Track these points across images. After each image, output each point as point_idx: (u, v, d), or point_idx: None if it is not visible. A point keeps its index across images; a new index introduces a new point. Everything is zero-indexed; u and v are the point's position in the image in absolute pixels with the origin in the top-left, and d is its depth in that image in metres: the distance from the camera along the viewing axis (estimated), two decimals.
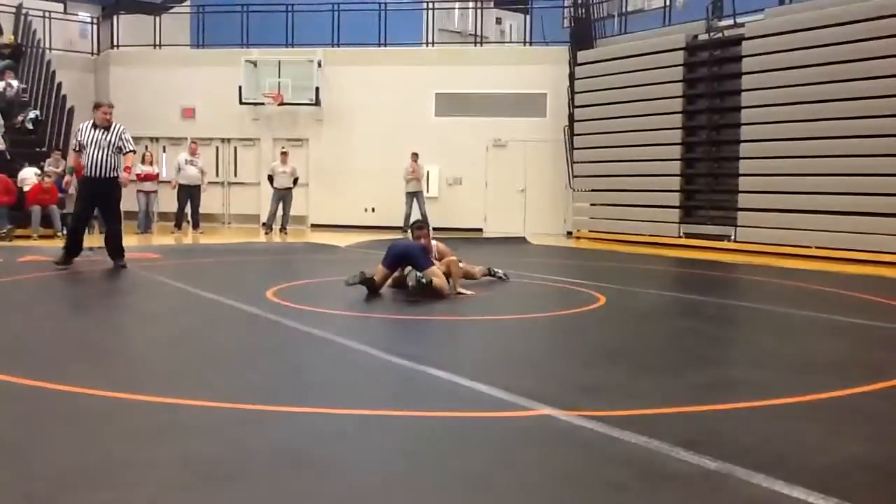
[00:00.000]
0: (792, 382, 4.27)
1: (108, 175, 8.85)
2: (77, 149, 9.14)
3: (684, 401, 3.82)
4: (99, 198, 9.01)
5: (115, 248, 9.08)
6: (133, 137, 18.74)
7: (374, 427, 3.35)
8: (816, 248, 12.36)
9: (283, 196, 16.10)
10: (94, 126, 8.89)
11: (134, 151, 9.37)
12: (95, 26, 20.92)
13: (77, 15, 22.81)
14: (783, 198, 12.87)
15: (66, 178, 9.49)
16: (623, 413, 3.51)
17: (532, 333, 5.92)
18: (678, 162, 14.66)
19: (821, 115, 12.31)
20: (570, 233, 17.01)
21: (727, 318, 6.78)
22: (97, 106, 9.16)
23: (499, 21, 20.82)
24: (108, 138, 8.80)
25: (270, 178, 16.24)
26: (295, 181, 16.30)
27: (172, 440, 3.15)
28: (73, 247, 8.96)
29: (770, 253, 12.68)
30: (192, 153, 15.80)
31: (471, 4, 20.36)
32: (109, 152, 8.81)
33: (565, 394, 3.87)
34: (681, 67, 14.59)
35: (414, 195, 16.55)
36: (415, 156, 16.43)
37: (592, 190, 16.36)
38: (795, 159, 12.68)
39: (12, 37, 18.59)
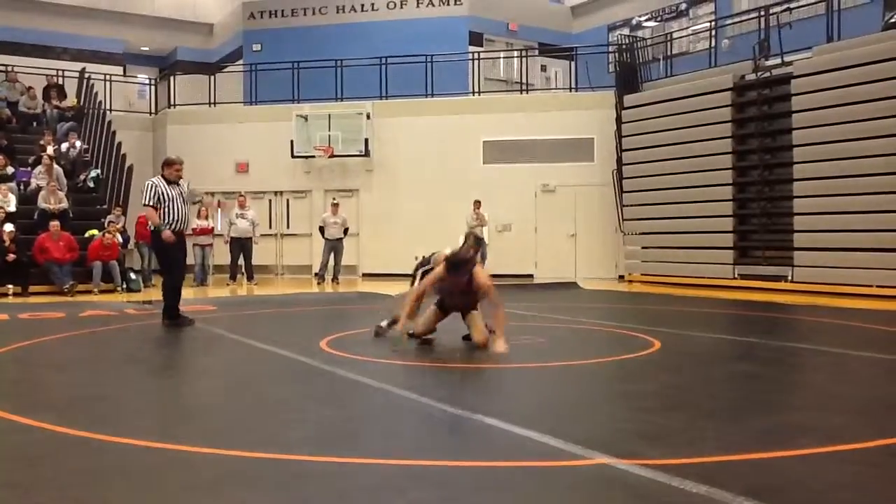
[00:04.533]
0: (859, 427, 4.12)
1: (186, 230, 9.07)
2: (156, 205, 8.66)
3: (746, 447, 3.70)
4: (178, 252, 8.92)
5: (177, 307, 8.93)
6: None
7: (425, 478, 3.32)
8: (878, 286, 12.02)
9: (334, 246, 16.32)
10: (168, 182, 8.77)
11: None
12: (153, 87, 21.72)
13: (136, 77, 23.76)
14: (841, 236, 12.58)
15: (166, 232, 8.65)
16: (683, 461, 3.42)
17: (586, 380, 5.83)
18: (730, 202, 14.48)
19: (875, 151, 12.08)
20: (622, 276, 16.84)
21: (787, 361, 6.60)
22: (171, 163, 8.94)
23: (544, 68, 21.00)
24: (184, 192, 8.93)
25: (322, 229, 16.48)
26: (345, 231, 16.50)
27: (229, 492, 3.16)
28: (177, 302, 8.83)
29: (829, 293, 12.35)
30: (242, 206, 16.18)
31: (516, 53, 20.60)
32: (188, 207, 9.04)
33: (622, 442, 3.79)
34: (729, 108, 14.49)
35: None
36: (477, 203, 16.46)
37: (643, 233, 16.22)
38: (852, 197, 12.41)
39: (76, 100, 19.41)
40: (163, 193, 8.65)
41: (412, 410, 4.63)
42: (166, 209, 8.65)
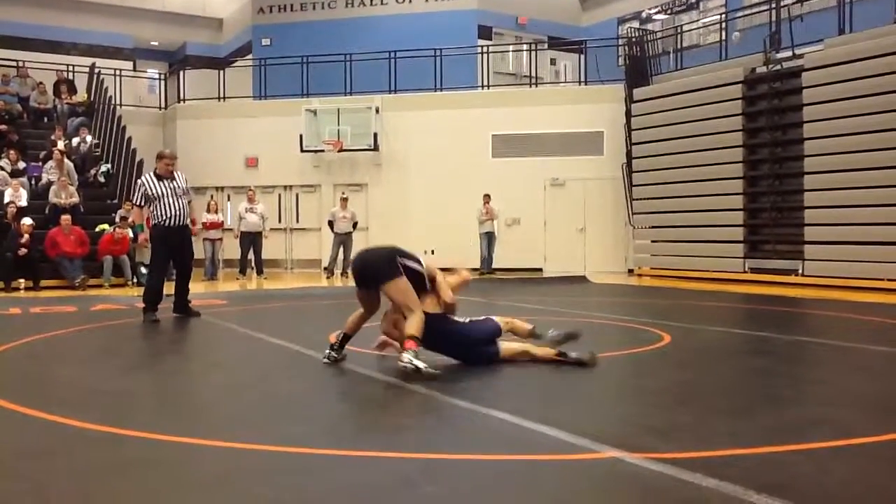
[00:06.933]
0: (871, 421, 4.11)
1: (185, 223, 8.81)
2: (143, 203, 8.77)
3: (757, 442, 3.69)
4: (177, 246, 8.82)
5: (186, 300, 9.05)
6: (199, 187, 19.38)
7: (437, 471, 3.33)
8: (889, 279, 11.96)
9: (343, 240, 16.35)
10: (159, 177, 8.68)
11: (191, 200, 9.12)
12: (163, 82, 21.79)
13: (146, 72, 23.83)
14: (852, 229, 12.52)
15: (142, 235, 9.43)
16: (693, 455, 3.42)
17: (596, 374, 5.82)
18: (741, 196, 14.42)
19: (887, 144, 12.02)
20: (631, 270, 16.81)
21: (798, 356, 6.58)
22: (160, 157, 8.91)
23: (553, 62, 20.93)
24: (180, 186, 8.72)
25: (331, 224, 16.51)
26: (354, 225, 16.53)
27: (238, 486, 3.18)
28: (157, 299, 8.75)
29: (840, 286, 12.31)
30: (251, 201, 16.24)
31: (525, 46, 20.54)
32: (185, 201, 8.74)
33: (633, 436, 3.78)
34: (740, 101, 14.43)
35: (488, 235, 16.61)
36: (487, 197, 16.49)
37: (653, 226, 16.18)
38: (863, 190, 12.36)
39: (86, 95, 19.48)
40: (152, 191, 8.59)
41: (422, 404, 4.64)
42: (157, 206, 8.59)
